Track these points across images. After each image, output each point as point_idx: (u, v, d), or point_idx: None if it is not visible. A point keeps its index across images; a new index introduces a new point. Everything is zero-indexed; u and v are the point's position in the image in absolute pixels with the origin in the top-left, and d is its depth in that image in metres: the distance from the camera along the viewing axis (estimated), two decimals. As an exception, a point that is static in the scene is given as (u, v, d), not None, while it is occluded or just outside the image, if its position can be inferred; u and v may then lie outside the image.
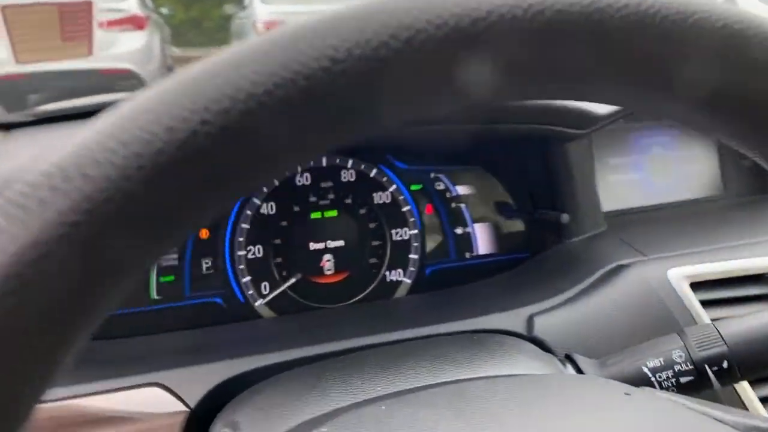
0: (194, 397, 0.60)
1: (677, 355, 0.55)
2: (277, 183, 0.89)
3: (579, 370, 0.59)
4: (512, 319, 0.73)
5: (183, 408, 0.60)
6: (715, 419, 0.37)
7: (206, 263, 0.89)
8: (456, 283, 0.97)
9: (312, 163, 0.90)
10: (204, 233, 0.89)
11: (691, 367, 0.54)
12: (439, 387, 0.43)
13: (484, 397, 0.38)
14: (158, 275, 0.87)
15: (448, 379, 0.50)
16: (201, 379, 0.61)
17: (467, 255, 1.02)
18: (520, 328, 0.72)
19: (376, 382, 0.50)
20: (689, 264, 0.77)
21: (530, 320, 0.73)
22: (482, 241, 1.03)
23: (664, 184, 1.24)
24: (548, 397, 0.42)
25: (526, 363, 0.57)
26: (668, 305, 0.71)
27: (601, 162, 1.11)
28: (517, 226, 1.03)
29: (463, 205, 1.02)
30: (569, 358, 0.62)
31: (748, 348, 0.53)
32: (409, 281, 0.96)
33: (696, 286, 0.75)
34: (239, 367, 0.62)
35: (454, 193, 1.02)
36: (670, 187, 1.23)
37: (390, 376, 0.51)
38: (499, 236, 1.03)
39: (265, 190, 0.88)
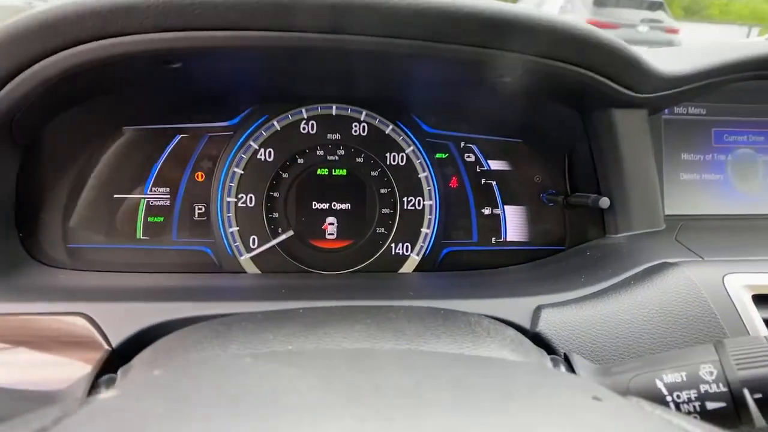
0: (118, 337, 0.53)
1: (706, 371, 0.40)
2: (278, 127, 0.80)
3: (573, 374, 0.46)
4: (516, 307, 0.60)
5: (104, 345, 0.52)
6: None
7: (199, 209, 0.82)
8: (475, 270, 0.85)
9: (319, 109, 0.81)
10: (199, 176, 0.82)
11: (723, 389, 0.39)
12: (348, 352, 0.33)
13: (378, 366, 0.27)
14: (147, 215, 0.81)
15: (381, 347, 0.39)
16: (129, 319, 0.54)
17: (493, 240, 0.89)
18: (522, 319, 0.59)
19: (290, 340, 0.40)
20: (754, 272, 0.61)
21: (537, 312, 0.59)
22: (512, 226, 0.90)
23: (748, 191, 1.03)
24: (491, 383, 0.30)
25: (501, 353, 0.45)
26: (718, 315, 0.56)
27: (671, 156, 0.94)
28: (556, 213, 0.89)
29: (494, 183, 0.89)
30: (566, 358, 0.49)
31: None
32: (417, 258, 0.84)
33: (760, 300, 0.58)
34: (172, 313, 0.54)
35: (485, 167, 0.89)
36: (756, 196, 1.03)
37: (310, 335, 0.40)
38: (532, 223, 0.89)
39: (263, 133, 0.80)
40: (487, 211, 0.89)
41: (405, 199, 0.84)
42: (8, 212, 0.71)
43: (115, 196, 0.80)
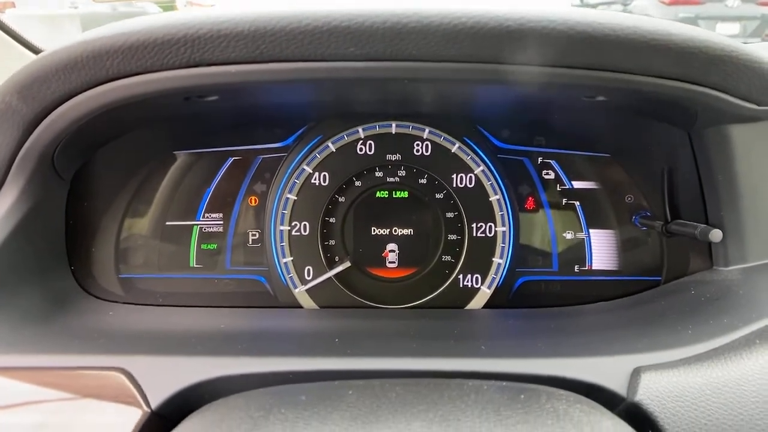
0: (158, 396, 0.48)
1: None
2: (333, 149, 0.74)
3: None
4: (609, 369, 0.50)
5: (144, 406, 0.48)
6: None
7: (253, 235, 0.77)
8: (554, 304, 0.74)
9: (377, 128, 0.73)
10: (253, 200, 0.77)
11: None
12: None
13: None
14: (200, 242, 0.77)
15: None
16: (170, 376, 0.49)
17: (576, 269, 0.78)
18: (618, 384, 0.49)
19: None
20: None
21: (635, 375, 0.49)
22: (599, 252, 0.78)
23: None
24: None
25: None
26: None
27: None
28: (651, 240, 0.77)
29: (578, 203, 0.78)
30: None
31: None
32: (488, 290, 0.75)
33: None
34: (215, 371, 0.49)
35: (567, 186, 0.78)
36: None
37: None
38: (623, 249, 0.78)
39: (317, 156, 0.73)
40: (569, 235, 0.78)
41: (474, 225, 0.75)
42: (59, 247, 0.69)
43: (167, 223, 0.76)
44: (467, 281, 0.75)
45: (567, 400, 0.43)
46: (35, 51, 0.95)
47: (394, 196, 0.76)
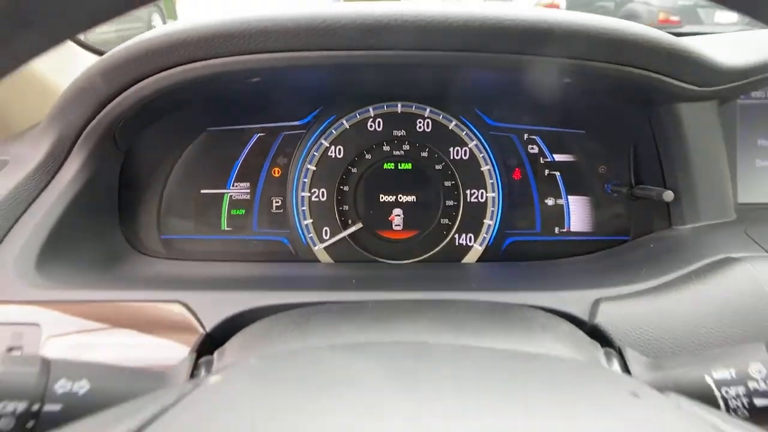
0: (211, 321, 0.60)
1: (756, 369, 0.42)
2: (347, 126, 0.85)
3: (626, 367, 0.48)
4: (575, 300, 0.62)
5: (200, 329, 0.60)
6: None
7: (276, 202, 0.89)
8: (537, 260, 0.87)
9: (385, 107, 0.85)
10: (276, 171, 0.89)
11: (773, 387, 0.41)
12: (411, 346, 0.37)
13: (437, 361, 0.31)
14: (230, 208, 0.89)
15: (445, 342, 0.43)
16: (220, 306, 0.61)
17: (556, 230, 0.90)
18: (581, 311, 0.61)
19: (361, 332, 0.44)
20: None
21: (595, 305, 0.61)
22: (576, 216, 0.91)
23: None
24: (532, 379, 0.33)
25: (555, 347, 0.48)
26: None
27: (747, 142, 0.91)
28: (620, 204, 0.89)
29: (558, 174, 0.90)
30: (619, 352, 0.51)
31: None
32: (480, 248, 0.87)
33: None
34: (257, 301, 0.61)
35: (549, 159, 0.90)
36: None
37: (378, 328, 0.45)
38: (596, 213, 0.90)
39: (333, 132, 0.85)
40: (550, 201, 0.90)
41: (468, 191, 0.87)
42: (113, 210, 0.80)
43: (202, 191, 0.88)
44: (462, 240, 0.88)
45: (536, 312, 0.56)
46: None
47: (399, 167, 0.88)
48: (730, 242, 0.70)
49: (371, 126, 0.86)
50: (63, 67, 0.90)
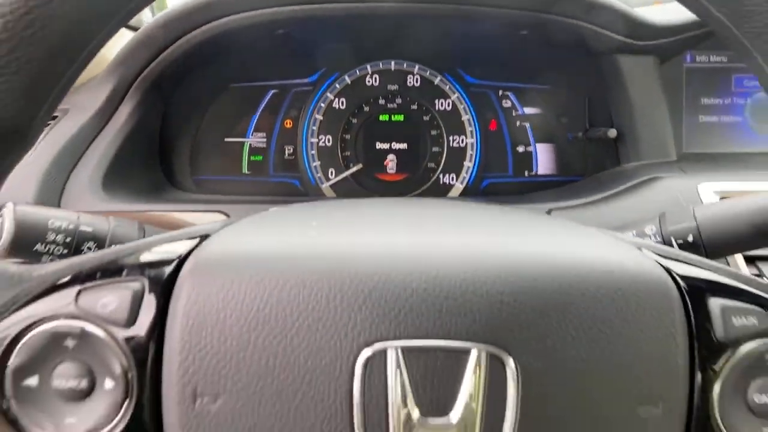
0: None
1: (650, 228, 0.58)
2: (349, 81, 1.01)
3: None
4: (531, 210, 0.79)
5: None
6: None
7: (288, 149, 1.05)
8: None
9: (380, 65, 1.01)
10: (288, 123, 1.05)
11: (659, 239, 0.57)
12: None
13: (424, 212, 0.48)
14: (249, 154, 1.05)
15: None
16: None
17: (526, 173, 1.07)
18: (536, 218, 0.78)
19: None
20: (727, 180, 0.76)
21: (548, 213, 0.78)
22: (543, 161, 1.07)
23: (766, 132, 1.16)
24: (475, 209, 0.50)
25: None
26: (686, 211, 0.72)
27: (692, 101, 1.07)
28: (579, 149, 1.06)
29: (527, 124, 1.07)
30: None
31: (715, 226, 0.55)
32: (461, 186, 1.04)
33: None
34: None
35: (520, 112, 1.07)
36: (773, 135, 1.15)
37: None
38: (559, 158, 1.06)
39: (337, 86, 1.01)
40: (521, 148, 1.07)
41: (451, 137, 1.03)
42: (155, 151, 0.96)
43: (226, 139, 1.04)
44: (446, 179, 1.04)
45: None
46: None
47: (392, 118, 1.04)
48: (661, 170, 0.86)
49: (369, 81, 1.02)
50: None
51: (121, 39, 0.86)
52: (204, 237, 0.40)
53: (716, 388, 0.38)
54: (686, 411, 0.37)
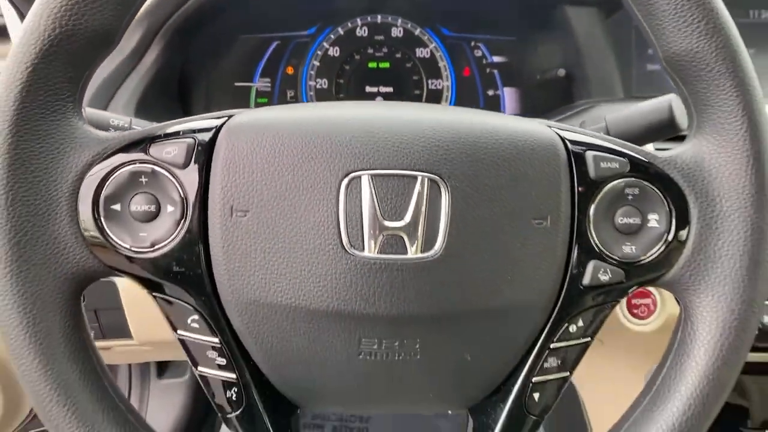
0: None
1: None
2: (342, 32, 1.18)
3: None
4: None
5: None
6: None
7: (290, 93, 1.22)
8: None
9: (369, 18, 1.18)
10: (290, 70, 1.21)
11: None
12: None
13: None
14: (256, 97, 1.21)
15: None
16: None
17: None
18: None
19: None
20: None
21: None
22: (510, 102, 1.24)
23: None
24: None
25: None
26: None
27: (640, 51, 1.23)
28: (543, 91, 1.22)
29: (496, 71, 1.23)
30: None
31: (619, 126, 0.71)
32: (438, 123, 1.21)
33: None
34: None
35: (490, 60, 1.23)
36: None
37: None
38: (524, 100, 1.23)
39: (332, 37, 1.18)
40: (491, 92, 1.23)
41: (429, 81, 1.20)
42: (175, 91, 1.13)
43: (235, 84, 1.20)
44: (426, 118, 1.21)
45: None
46: None
47: (380, 66, 1.20)
48: (606, 102, 1.03)
49: (359, 33, 1.18)
50: None
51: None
52: (230, 116, 0.57)
53: (591, 211, 0.55)
54: (569, 227, 0.55)
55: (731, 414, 1.14)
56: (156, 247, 0.53)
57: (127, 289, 0.93)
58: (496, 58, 1.22)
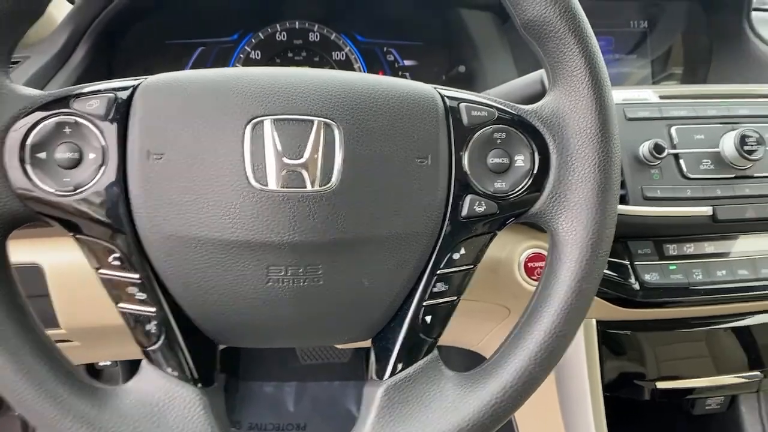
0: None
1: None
2: (262, 37, 1.26)
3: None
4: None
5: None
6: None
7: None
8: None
9: (287, 24, 1.27)
10: (214, 74, 1.28)
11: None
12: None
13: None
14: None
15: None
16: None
17: (409, 112, 1.34)
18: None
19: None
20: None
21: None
22: (422, 102, 1.35)
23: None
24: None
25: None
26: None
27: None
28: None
29: (408, 74, 1.35)
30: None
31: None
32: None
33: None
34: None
35: (401, 64, 1.35)
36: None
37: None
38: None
39: (253, 40, 1.26)
40: (404, 92, 1.34)
41: (346, 82, 1.30)
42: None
43: (162, 88, 1.26)
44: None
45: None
46: None
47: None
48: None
49: (278, 37, 1.27)
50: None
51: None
52: (146, 78, 0.63)
53: (467, 153, 0.65)
54: (448, 166, 0.64)
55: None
56: (79, 190, 0.58)
57: (54, 274, 0.95)
58: (407, 62, 1.34)
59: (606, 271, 1.00)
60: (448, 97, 0.66)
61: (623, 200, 0.93)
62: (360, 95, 0.62)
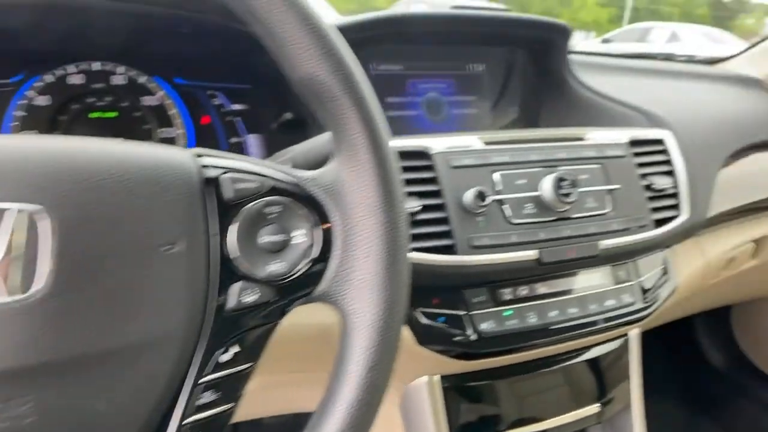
0: None
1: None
2: (54, 79, 1.08)
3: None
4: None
5: None
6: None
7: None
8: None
9: (83, 65, 1.10)
10: (-11, 123, 1.07)
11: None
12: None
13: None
14: None
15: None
16: None
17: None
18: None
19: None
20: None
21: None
22: (254, 148, 1.23)
23: (438, 121, 1.47)
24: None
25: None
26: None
27: (380, 100, 1.32)
28: (284, 135, 1.24)
29: (238, 118, 1.22)
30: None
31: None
32: (175, 172, 1.16)
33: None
34: None
35: (229, 108, 1.22)
36: (442, 124, 1.46)
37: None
38: (267, 144, 1.24)
39: (40, 84, 1.07)
40: (234, 139, 1.22)
41: (161, 130, 1.15)
42: None
43: None
44: (161, 167, 1.15)
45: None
46: None
47: (105, 116, 1.12)
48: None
49: (71, 80, 1.09)
50: None
51: None
52: None
53: (233, 233, 0.53)
54: (206, 251, 0.52)
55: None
56: None
57: None
58: (236, 106, 1.22)
59: (443, 326, 0.94)
60: (206, 166, 0.54)
61: (451, 250, 0.88)
62: (80, 170, 0.48)
